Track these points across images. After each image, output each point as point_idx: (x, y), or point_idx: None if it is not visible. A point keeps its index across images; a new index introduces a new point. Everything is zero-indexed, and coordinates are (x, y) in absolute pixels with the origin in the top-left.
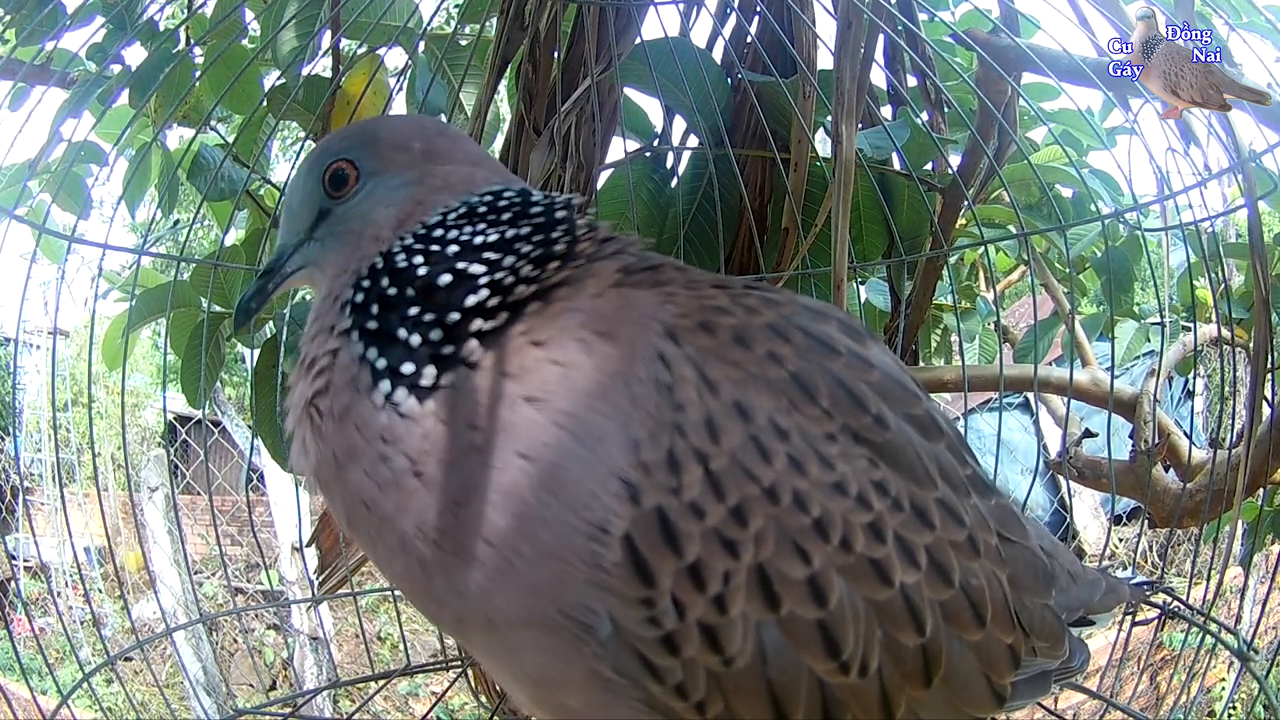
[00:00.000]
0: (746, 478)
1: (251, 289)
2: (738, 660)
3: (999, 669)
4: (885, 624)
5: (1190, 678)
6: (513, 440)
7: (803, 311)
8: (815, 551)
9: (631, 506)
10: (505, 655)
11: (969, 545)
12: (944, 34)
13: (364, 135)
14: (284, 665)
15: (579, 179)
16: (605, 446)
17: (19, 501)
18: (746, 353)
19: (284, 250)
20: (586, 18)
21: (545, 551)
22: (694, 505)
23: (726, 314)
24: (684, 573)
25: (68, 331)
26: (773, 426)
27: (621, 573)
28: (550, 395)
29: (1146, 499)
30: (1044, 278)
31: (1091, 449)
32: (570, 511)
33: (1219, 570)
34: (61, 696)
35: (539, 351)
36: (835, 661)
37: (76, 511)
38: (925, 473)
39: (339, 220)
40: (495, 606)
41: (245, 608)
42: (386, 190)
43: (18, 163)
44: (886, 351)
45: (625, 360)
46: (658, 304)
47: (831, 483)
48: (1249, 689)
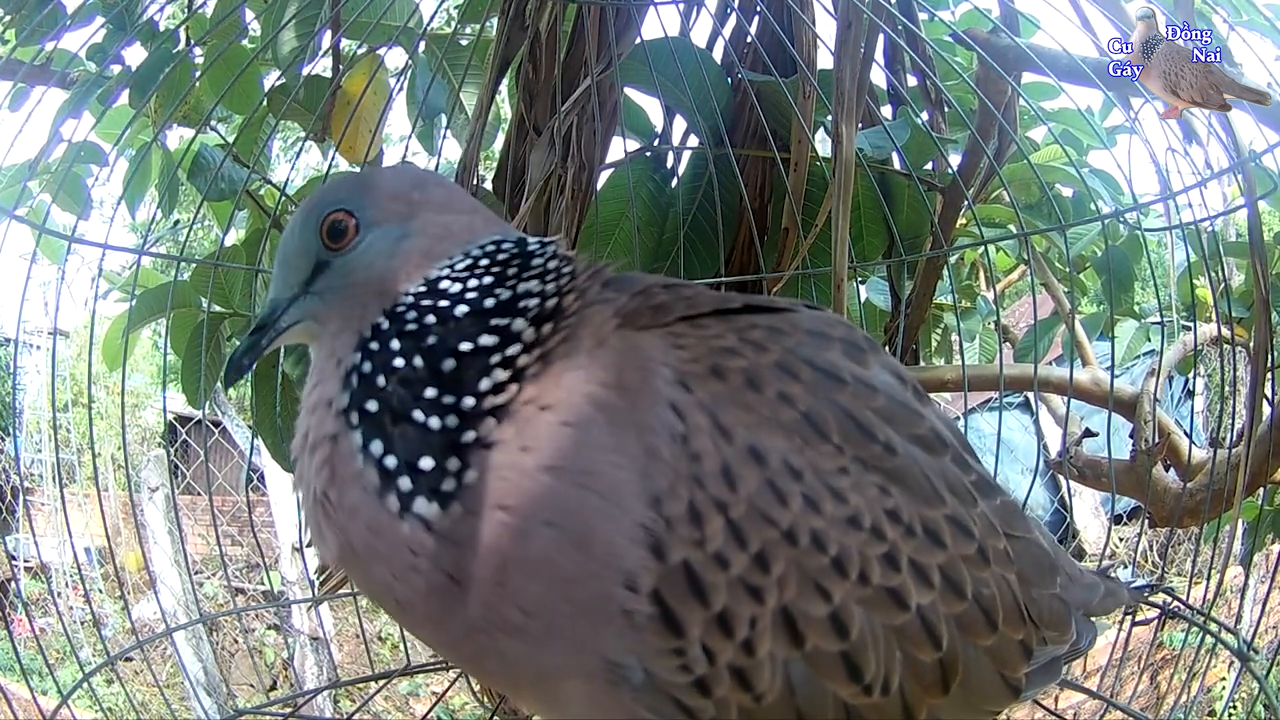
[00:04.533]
0: (765, 523)
1: (244, 345)
2: (768, 696)
3: (1013, 665)
4: (904, 645)
5: (1190, 678)
6: (539, 510)
7: (807, 340)
8: (835, 589)
9: (658, 562)
10: (548, 703)
11: (979, 556)
12: (944, 34)
13: (361, 185)
14: (284, 665)
15: (579, 179)
16: (626, 498)
17: (19, 502)
18: (759, 396)
19: (278, 304)
20: (586, 18)
21: (581, 609)
22: (718, 556)
23: (736, 355)
24: (712, 622)
25: (68, 331)
26: (786, 468)
27: (653, 625)
28: (566, 460)
29: (1146, 499)
30: (1044, 277)
31: (1091, 448)
32: (602, 566)
33: (1219, 570)
34: (62, 697)
35: (550, 416)
36: (859, 685)
37: (76, 512)
38: (933, 491)
39: (339, 273)
40: (539, 666)
41: (245, 608)
42: (388, 242)
43: (18, 163)
44: (887, 366)
45: (635, 409)
46: (664, 348)
47: (846, 517)
48: (1249, 689)
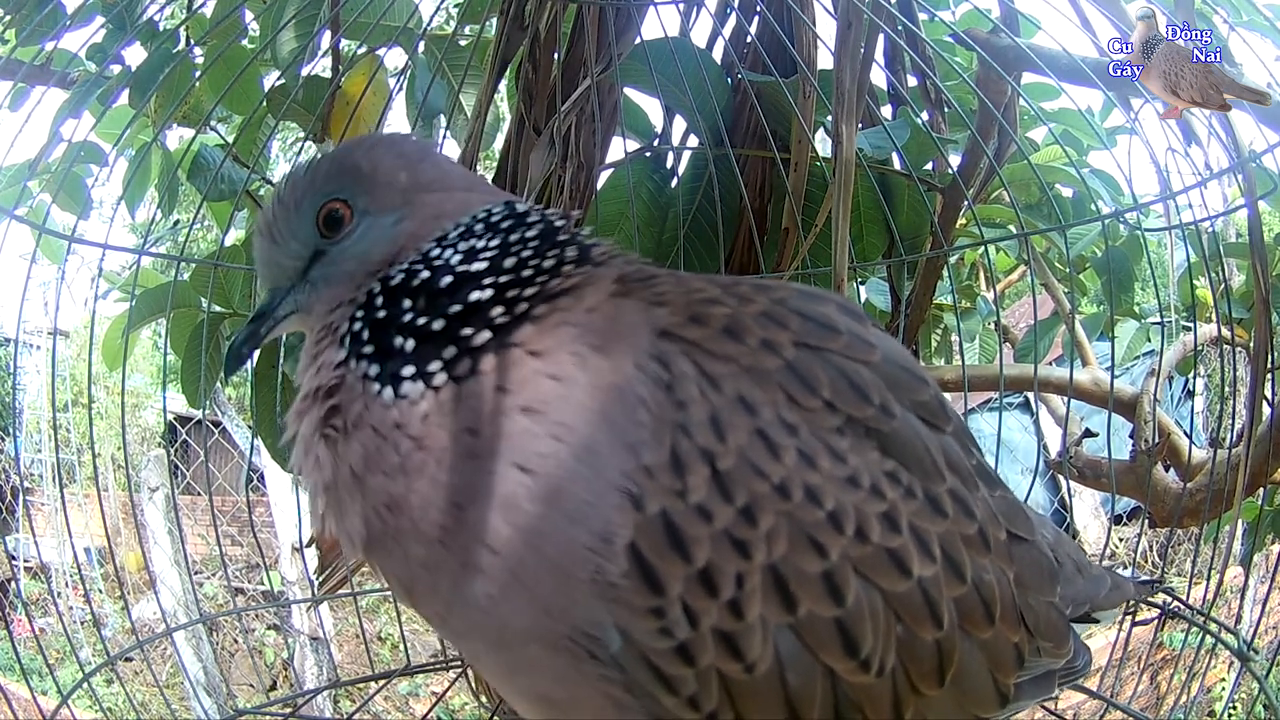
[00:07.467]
0: (755, 475)
1: (243, 334)
2: (759, 666)
3: (1005, 668)
4: (904, 618)
5: (1190, 678)
6: (510, 451)
7: (798, 295)
8: (831, 544)
9: (635, 513)
10: (513, 674)
11: (980, 539)
12: (944, 34)
13: (351, 170)
14: (284, 665)
15: (579, 179)
16: (602, 459)
17: (19, 502)
18: (738, 345)
19: (276, 293)
20: (586, 18)
21: (549, 565)
22: (701, 507)
23: (717, 304)
24: (694, 579)
25: (68, 331)
26: (780, 420)
27: (629, 583)
28: (545, 408)
29: (1146, 499)
30: (1044, 278)
31: (1092, 449)
32: (570, 523)
33: (1219, 570)
34: (61, 697)
35: (536, 363)
36: (855, 660)
37: (76, 512)
38: (933, 465)
39: (334, 261)
40: (503, 620)
41: (245, 608)
42: (382, 228)
43: (18, 163)
44: (887, 335)
45: (619, 371)
46: (648, 308)
47: (845, 476)
48: (1249, 689)
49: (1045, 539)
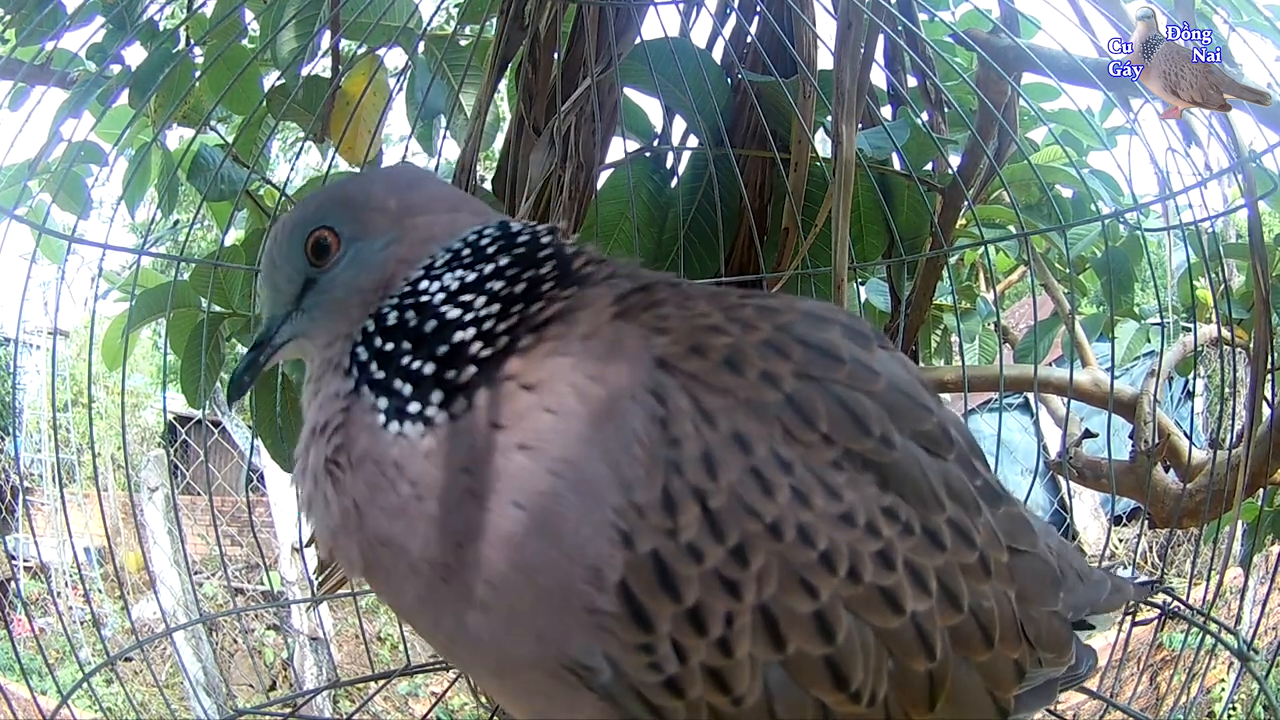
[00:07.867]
0: (747, 514)
1: (244, 362)
2: (748, 699)
3: (1003, 685)
4: (896, 653)
5: (1190, 678)
6: (508, 489)
7: (803, 319)
8: (822, 585)
9: (626, 551)
10: (515, 698)
11: (980, 567)
12: (944, 34)
13: (342, 201)
14: (284, 665)
15: (579, 179)
16: (599, 493)
17: (19, 501)
18: (738, 377)
19: (273, 321)
20: (586, 18)
21: (545, 598)
22: (691, 547)
23: (719, 333)
24: (683, 617)
25: (68, 331)
26: (774, 457)
27: (619, 618)
28: (543, 444)
29: (1146, 499)
30: (1044, 278)
31: (1091, 449)
32: (566, 559)
33: (1219, 570)
34: (61, 697)
35: (531, 397)
36: (845, 693)
37: (76, 511)
38: (933, 495)
39: (324, 289)
40: (503, 650)
41: (245, 608)
42: (369, 255)
43: (18, 163)
44: (896, 358)
45: (617, 403)
46: (649, 335)
47: (839, 514)
48: (1249, 689)
49: (1049, 547)
